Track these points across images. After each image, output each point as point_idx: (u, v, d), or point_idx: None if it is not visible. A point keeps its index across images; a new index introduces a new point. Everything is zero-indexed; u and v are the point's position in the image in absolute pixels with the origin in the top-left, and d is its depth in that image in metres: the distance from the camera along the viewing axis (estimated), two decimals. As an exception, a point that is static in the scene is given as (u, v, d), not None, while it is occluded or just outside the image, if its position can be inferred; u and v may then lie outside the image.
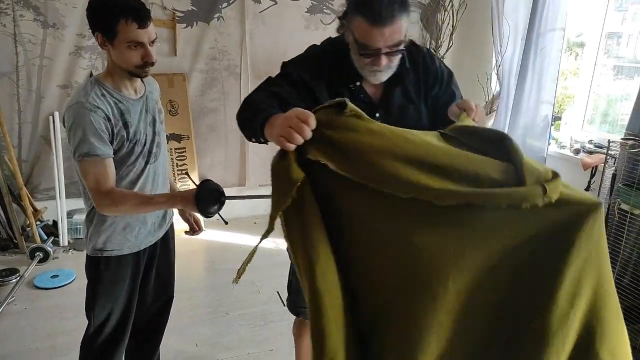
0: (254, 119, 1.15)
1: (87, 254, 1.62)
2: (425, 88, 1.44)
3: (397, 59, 1.30)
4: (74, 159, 1.44)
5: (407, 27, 1.23)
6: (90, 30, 1.45)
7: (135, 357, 1.87)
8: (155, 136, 1.60)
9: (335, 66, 1.36)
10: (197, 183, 1.45)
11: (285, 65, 1.40)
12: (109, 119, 1.43)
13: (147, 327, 1.83)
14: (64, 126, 1.45)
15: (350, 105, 0.99)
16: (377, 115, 1.41)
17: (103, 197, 1.44)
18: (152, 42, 1.44)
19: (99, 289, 1.61)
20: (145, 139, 1.56)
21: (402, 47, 1.25)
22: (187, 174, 1.75)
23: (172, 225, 1.82)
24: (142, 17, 1.38)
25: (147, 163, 1.58)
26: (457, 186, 0.89)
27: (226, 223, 1.64)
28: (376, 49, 1.22)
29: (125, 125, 1.48)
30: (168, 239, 1.80)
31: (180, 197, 1.49)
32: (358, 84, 1.37)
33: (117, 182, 1.51)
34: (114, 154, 1.48)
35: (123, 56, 1.42)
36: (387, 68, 1.29)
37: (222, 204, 1.45)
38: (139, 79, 1.55)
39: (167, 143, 3.50)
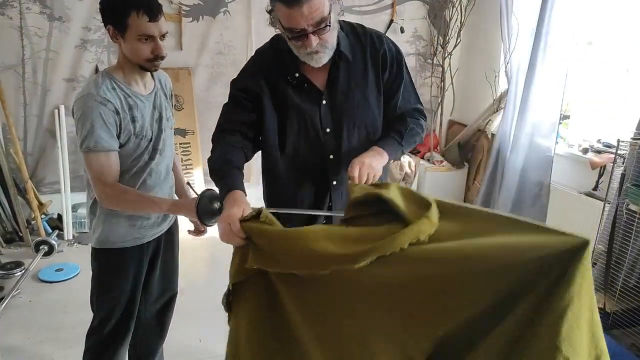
0: (219, 188, 1.31)
1: (91, 246, 1.63)
2: (375, 69, 1.43)
3: (330, 38, 1.30)
4: (80, 150, 1.45)
5: (330, 4, 1.24)
6: (95, 24, 1.45)
7: (140, 352, 1.87)
8: (161, 133, 1.60)
9: (277, 61, 1.39)
10: (199, 192, 1.48)
11: (231, 84, 1.46)
12: (117, 112, 1.43)
13: (151, 323, 1.83)
14: (73, 117, 1.45)
15: (264, 212, 1.12)
16: (324, 102, 1.41)
17: (106, 190, 1.45)
18: (163, 36, 1.44)
19: (102, 281, 1.62)
20: (151, 135, 1.56)
21: (327, 23, 1.25)
22: (188, 184, 1.76)
23: (176, 220, 1.82)
24: (153, 10, 1.38)
25: (150, 159, 1.58)
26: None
27: None
28: (301, 29, 1.23)
29: (133, 120, 1.48)
30: (173, 234, 1.80)
31: (183, 206, 1.51)
32: (297, 75, 1.38)
33: (121, 175, 1.51)
34: (119, 148, 1.48)
35: (134, 49, 1.42)
36: (322, 48, 1.29)
37: (222, 212, 1.46)
38: (149, 74, 1.55)
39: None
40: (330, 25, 1.26)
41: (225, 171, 1.32)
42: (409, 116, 1.48)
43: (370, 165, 1.30)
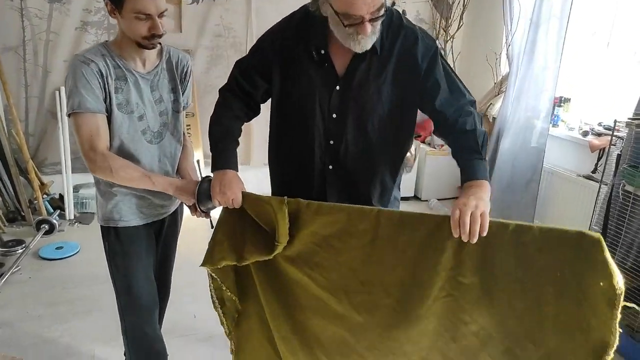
0: (216, 158, 1.43)
1: (99, 225, 1.59)
2: (400, 67, 1.37)
3: (379, 24, 1.26)
4: (67, 115, 1.41)
5: None
6: (95, 6, 1.43)
7: None
8: (163, 116, 1.55)
9: (305, 31, 1.36)
10: (202, 177, 1.45)
11: (250, 51, 1.51)
12: (102, 75, 1.39)
13: None
14: None
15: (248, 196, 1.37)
16: (337, 88, 1.38)
17: (96, 157, 1.39)
18: (161, 14, 1.39)
19: (115, 261, 1.58)
20: (144, 115, 1.50)
21: (385, 11, 1.22)
22: (198, 162, 1.70)
23: (182, 204, 1.75)
24: None
25: (149, 142, 1.52)
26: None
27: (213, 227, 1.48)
28: (359, 16, 1.19)
29: (116, 90, 1.43)
30: (177, 218, 1.76)
31: (180, 187, 1.46)
32: (323, 52, 1.35)
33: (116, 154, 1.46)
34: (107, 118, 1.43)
35: (130, 26, 1.38)
36: (371, 34, 1.25)
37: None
38: (152, 53, 1.50)
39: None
40: (386, 13, 1.23)
41: (225, 144, 1.46)
42: (461, 114, 1.35)
43: (476, 206, 1.13)
